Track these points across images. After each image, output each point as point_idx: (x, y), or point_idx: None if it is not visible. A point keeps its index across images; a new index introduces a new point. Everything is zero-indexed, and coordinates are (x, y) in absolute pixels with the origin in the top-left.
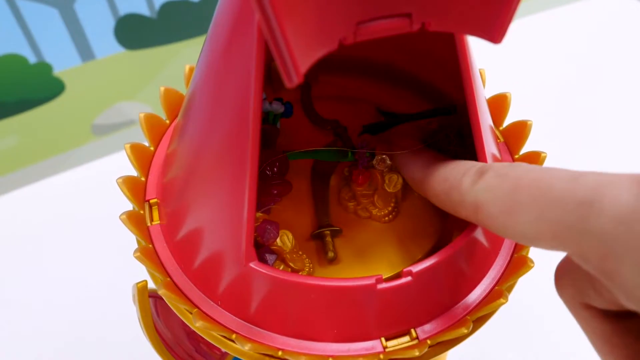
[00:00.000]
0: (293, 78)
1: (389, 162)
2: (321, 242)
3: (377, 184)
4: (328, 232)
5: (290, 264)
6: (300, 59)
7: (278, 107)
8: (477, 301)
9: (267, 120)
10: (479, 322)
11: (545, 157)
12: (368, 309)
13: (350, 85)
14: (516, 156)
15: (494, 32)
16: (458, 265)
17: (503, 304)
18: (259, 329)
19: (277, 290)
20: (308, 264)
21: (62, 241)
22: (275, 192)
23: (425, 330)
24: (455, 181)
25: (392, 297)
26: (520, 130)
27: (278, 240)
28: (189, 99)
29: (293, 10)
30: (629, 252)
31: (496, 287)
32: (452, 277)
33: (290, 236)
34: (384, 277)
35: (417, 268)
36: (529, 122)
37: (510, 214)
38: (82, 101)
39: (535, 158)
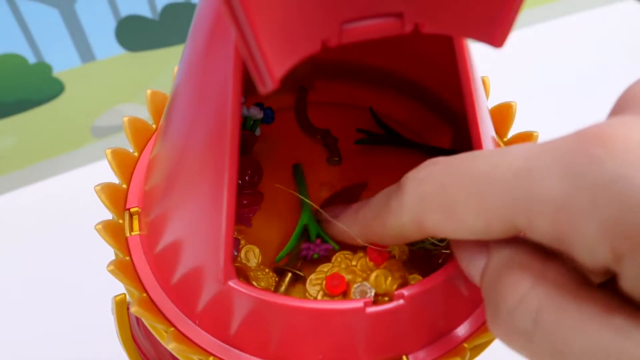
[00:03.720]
0: (267, 83)
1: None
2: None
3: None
4: (290, 273)
5: (253, 283)
6: (275, 61)
7: (256, 113)
8: (476, 327)
9: (245, 126)
10: (477, 350)
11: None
12: (356, 333)
13: (347, 92)
14: None
15: (495, 35)
16: (455, 287)
17: None
18: (238, 351)
19: (258, 311)
20: (274, 283)
21: (59, 244)
22: (245, 202)
23: (418, 357)
24: (385, 212)
25: (382, 321)
26: (525, 142)
27: (242, 256)
28: (169, 103)
29: (266, 6)
30: (583, 206)
31: None
32: (449, 300)
33: (257, 251)
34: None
35: (409, 290)
36: (534, 134)
37: (452, 215)
38: (81, 102)
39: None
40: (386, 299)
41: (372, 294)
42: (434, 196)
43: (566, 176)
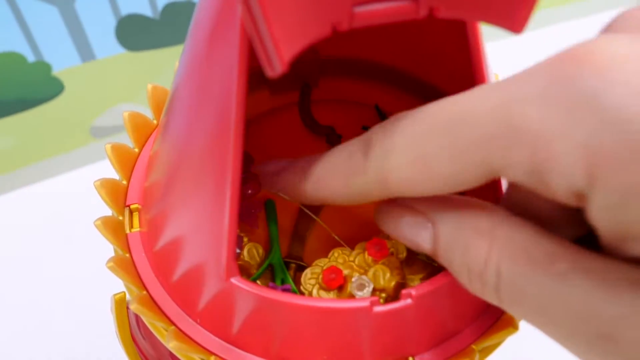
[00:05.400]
0: (275, 66)
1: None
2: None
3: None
4: (294, 265)
5: (258, 281)
6: (284, 43)
7: None
8: (485, 328)
9: None
10: (486, 352)
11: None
12: (362, 333)
13: (352, 89)
14: None
15: (515, 19)
16: (464, 287)
17: (513, 332)
18: (240, 351)
19: (262, 310)
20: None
21: (58, 244)
22: (250, 191)
23: (424, 359)
24: (347, 168)
25: (389, 321)
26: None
27: (245, 253)
28: (171, 97)
29: None
30: (561, 128)
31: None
32: (457, 300)
33: (260, 250)
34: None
35: (418, 290)
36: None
37: (423, 164)
38: (81, 102)
39: None
40: (383, 295)
41: (371, 288)
42: (402, 147)
43: (543, 102)
